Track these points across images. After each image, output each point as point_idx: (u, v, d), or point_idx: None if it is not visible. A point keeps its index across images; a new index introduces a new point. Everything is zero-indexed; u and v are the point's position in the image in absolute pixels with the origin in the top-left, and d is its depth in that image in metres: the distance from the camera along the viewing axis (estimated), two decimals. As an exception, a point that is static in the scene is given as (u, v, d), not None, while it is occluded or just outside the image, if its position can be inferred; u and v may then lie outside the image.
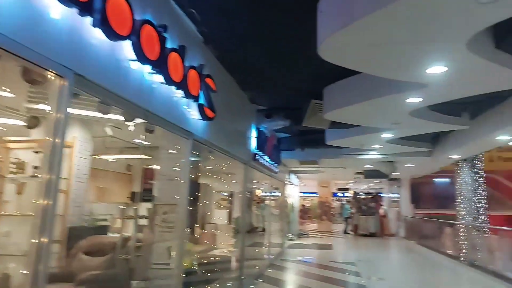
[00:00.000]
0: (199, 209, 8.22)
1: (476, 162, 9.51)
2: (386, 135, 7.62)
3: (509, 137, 6.50)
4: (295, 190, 16.78)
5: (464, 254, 9.11)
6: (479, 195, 9.30)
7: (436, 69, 3.82)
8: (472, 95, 4.89)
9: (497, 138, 6.65)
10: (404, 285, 7.17)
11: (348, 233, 17.62)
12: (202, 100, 3.96)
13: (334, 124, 7.30)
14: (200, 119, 4.00)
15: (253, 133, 7.06)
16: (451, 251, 10.14)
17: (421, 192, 19.19)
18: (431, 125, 6.55)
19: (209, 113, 4.12)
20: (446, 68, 3.79)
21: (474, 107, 6.54)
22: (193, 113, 3.87)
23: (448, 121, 6.48)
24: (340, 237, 16.80)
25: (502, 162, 11.89)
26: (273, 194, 11.88)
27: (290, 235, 13.83)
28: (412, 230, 15.00)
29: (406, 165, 11.74)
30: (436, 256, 10.73)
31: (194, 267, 5.62)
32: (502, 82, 4.33)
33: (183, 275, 3.85)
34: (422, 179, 17.43)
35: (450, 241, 10.38)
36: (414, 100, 5.07)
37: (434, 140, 9.13)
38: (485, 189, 9.40)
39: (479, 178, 9.43)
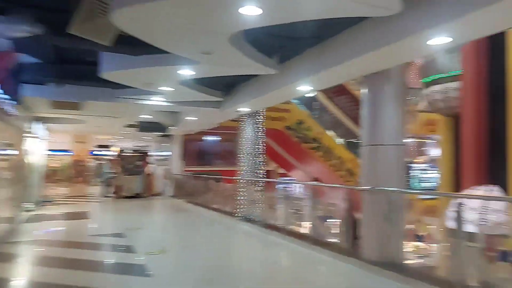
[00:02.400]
0: None
1: (259, 117, 9.41)
2: (185, 72, 5.94)
3: (309, 88, 6.20)
4: (41, 146, 12.65)
5: (240, 210, 8.96)
6: (259, 151, 9.27)
7: None
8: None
9: (298, 88, 6.24)
10: (193, 254, 5.98)
11: (108, 196, 15.24)
12: None
13: (120, 45, 4.96)
14: None
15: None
16: (226, 208, 9.92)
17: (190, 149, 19.03)
18: (242, 61, 5.33)
19: None
20: None
21: (282, 53, 5.81)
22: None
23: (262, 60, 5.49)
24: (99, 201, 14.23)
25: (269, 121, 12.79)
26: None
27: (27, 205, 10.04)
28: (181, 188, 14.47)
29: (188, 118, 10.57)
30: (210, 213, 10.33)
31: None
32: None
33: None
34: (193, 136, 17.16)
35: (223, 198, 10.17)
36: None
37: (227, 89, 8.24)
38: (264, 145, 9.50)
39: (261, 133, 9.39)
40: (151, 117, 10.35)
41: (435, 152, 22.13)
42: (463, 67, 7.41)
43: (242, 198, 8.92)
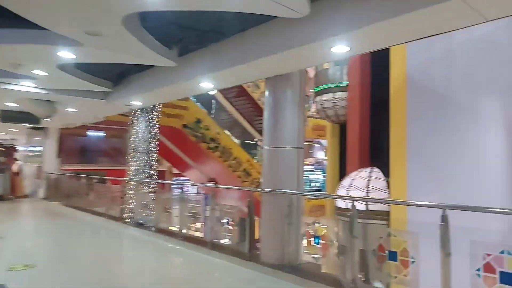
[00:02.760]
0: None
1: (154, 113, 8.70)
2: (65, 54, 5.00)
3: (211, 85, 5.88)
4: None
5: (129, 214, 8.13)
6: (152, 149, 8.56)
7: None
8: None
9: (198, 85, 5.87)
10: (72, 268, 5.07)
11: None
12: None
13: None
14: None
15: None
16: (113, 212, 8.91)
17: (69, 145, 16.83)
18: (136, 49, 4.73)
19: None
20: None
21: (183, 45, 5.37)
22: None
23: (159, 50, 4.95)
24: None
25: (165, 118, 12.02)
26: None
27: None
28: (56, 189, 12.64)
29: (68, 109, 9.18)
30: (92, 218, 9.16)
31: None
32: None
33: None
34: (73, 130, 15.18)
35: (109, 201, 9.14)
36: None
37: (117, 79, 7.35)
38: (157, 144, 8.82)
39: (155, 131, 8.69)
40: (18, 105, 8.66)
41: (321, 155, 24.27)
42: (350, 78, 8.05)
43: (131, 200, 8.10)
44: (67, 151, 16.13)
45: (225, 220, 5.40)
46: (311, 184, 18.74)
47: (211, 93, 15.08)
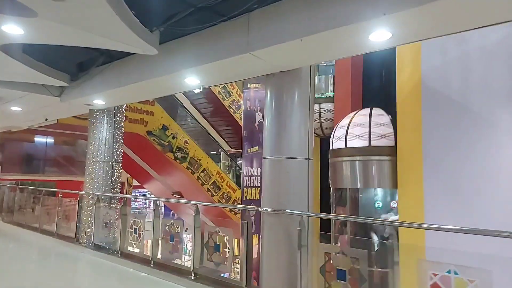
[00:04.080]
0: None
1: (119, 115, 7.49)
2: (12, 30, 3.79)
3: (198, 81, 4.89)
4: None
5: (86, 234, 6.80)
6: (116, 158, 7.31)
7: None
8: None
9: (185, 80, 4.88)
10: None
11: None
12: None
13: None
14: None
15: None
16: (64, 231, 7.50)
17: (11, 151, 14.80)
18: (111, 25, 3.69)
19: None
20: None
21: (167, 28, 4.37)
22: None
23: (140, 32, 3.91)
24: None
25: (126, 123, 10.69)
26: None
27: None
28: (-6, 202, 10.81)
29: (12, 108, 7.69)
30: (40, 238, 7.66)
31: None
32: None
33: None
34: (16, 135, 13.30)
35: (61, 217, 7.71)
36: None
37: (78, 71, 6.12)
38: (121, 151, 7.59)
39: (119, 136, 7.47)
40: None
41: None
42: (337, 89, 7.43)
43: (89, 218, 6.78)
44: (8, 158, 14.14)
45: (215, 245, 4.39)
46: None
47: (178, 96, 13.93)
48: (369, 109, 6.01)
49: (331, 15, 3.06)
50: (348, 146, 5.85)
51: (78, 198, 7.25)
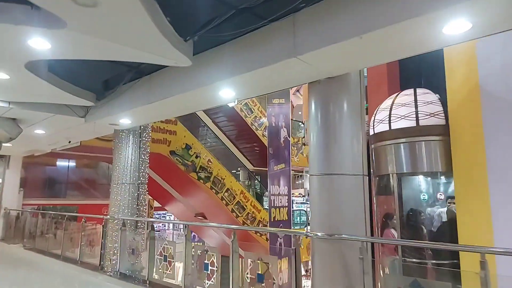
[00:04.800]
0: None
1: (144, 134, 7.19)
2: (38, 44, 3.52)
3: (233, 93, 4.50)
4: None
5: (111, 262, 6.40)
6: (142, 179, 6.97)
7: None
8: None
9: (219, 92, 4.51)
10: None
11: None
12: None
13: None
14: None
15: None
16: (89, 258, 7.12)
17: (33, 175, 14.74)
18: (148, 34, 3.37)
19: None
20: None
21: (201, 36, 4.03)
22: None
23: (174, 39, 3.58)
24: None
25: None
26: None
27: None
28: (17, 228, 10.60)
29: (36, 130, 7.50)
30: (62, 266, 7.29)
31: None
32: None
33: None
34: (38, 158, 13.24)
35: (84, 244, 7.35)
36: None
37: (104, 89, 5.86)
38: (148, 171, 7.25)
39: (145, 156, 7.15)
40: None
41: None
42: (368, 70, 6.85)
43: (115, 244, 6.39)
44: (31, 183, 14.05)
45: (260, 278, 3.90)
46: (302, 218, 17.39)
47: (199, 113, 13.68)
48: (412, 89, 5.47)
49: (396, 6, 2.64)
50: (392, 128, 5.27)
51: (103, 223, 6.90)
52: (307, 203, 19.70)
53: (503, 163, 4.25)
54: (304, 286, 4.44)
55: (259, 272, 4.01)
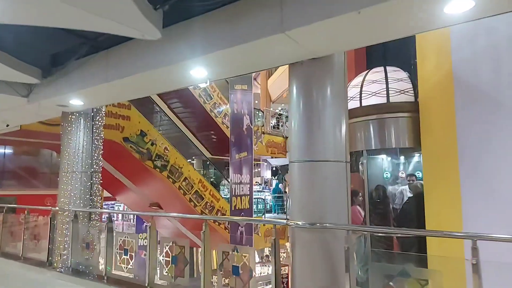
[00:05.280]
0: None
1: (97, 118, 6.53)
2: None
3: (205, 73, 4.11)
4: None
5: (61, 257, 5.78)
6: (96, 167, 6.34)
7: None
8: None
9: (190, 71, 4.11)
10: None
11: None
12: None
13: None
14: None
15: None
16: (33, 254, 6.41)
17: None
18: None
19: None
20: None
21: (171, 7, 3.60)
22: None
23: (143, 7, 3.13)
24: None
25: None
26: None
27: None
28: None
29: (-33, 111, 6.52)
30: (4, 264, 6.49)
31: None
32: None
33: None
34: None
35: (27, 238, 6.61)
36: None
37: (51, 65, 5.16)
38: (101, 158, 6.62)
39: (99, 141, 6.51)
40: None
41: (267, 174, 23.13)
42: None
43: (65, 238, 5.76)
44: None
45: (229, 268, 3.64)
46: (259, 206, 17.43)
47: (154, 98, 12.94)
48: (382, 66, 5.52)
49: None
50: (363, 105, 5.30)
51: (50, 215, 6.21)
52: (264, 192, 19.80)
53: (473, 142, 4.38)
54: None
55: (235, 264, 3.76)
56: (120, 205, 20.28)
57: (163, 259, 4.52)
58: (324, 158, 3.48)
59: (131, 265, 4.79)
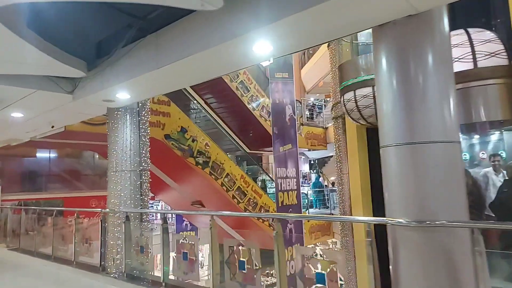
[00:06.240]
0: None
1: (143, 112, 6.17)
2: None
3: (271, 47, 3.54)
4: None
5: (113, 262, 5.45)
6: (144, 165, 5.99)
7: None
8: None
9: (253, 47, 3.55)
10: None
11: None
12: None
13: None
14: None
15: None
16: (84, 258, 6.15)
17: (10, 169, 13.43)
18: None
19: None
20: None
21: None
22: None
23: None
24: None
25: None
26: None
27: None
28: (-5, 227, 9.46)
29: (13, 114, 6.34)
30: (53, 268, 6.29)
31: None
32: None
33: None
34: (14, 149, 11.90)
35: (77, 242, 6.36)
36: None
37: (96, 55, 4.78)
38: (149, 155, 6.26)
39: (146, 138, 6.15)
40: None
41: (305, 167, 22.43)
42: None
43: (117, 241, 5.43)
44: (9, 177, 12.77)
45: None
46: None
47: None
48: (462, 29, 4.68)
49: None
50: None
51: (100, 217, 5.91)
52: (303, 186, 19.11)
53: None
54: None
55: (319, 271, 3.18)
56: (158, 204, 20.31)
57: (227, 264, 4.04)
58: (430, 139, 2.81)
59: (193, 271, 4.34)
